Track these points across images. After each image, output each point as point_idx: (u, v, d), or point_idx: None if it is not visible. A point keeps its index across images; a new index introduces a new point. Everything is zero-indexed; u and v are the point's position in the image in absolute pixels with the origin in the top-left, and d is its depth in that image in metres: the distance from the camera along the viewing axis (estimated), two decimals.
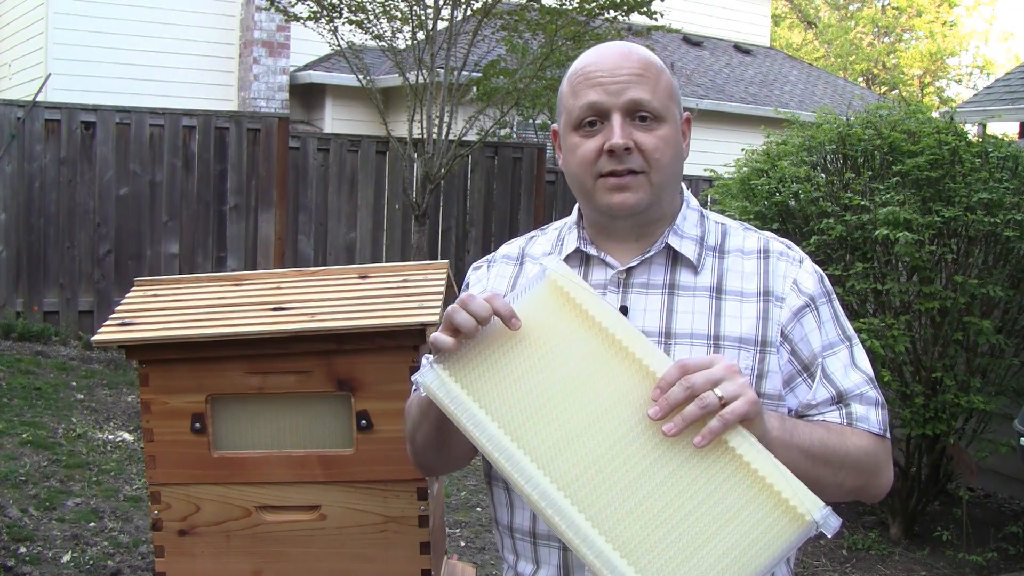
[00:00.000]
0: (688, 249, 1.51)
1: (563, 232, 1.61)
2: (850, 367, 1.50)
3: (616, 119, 1.45)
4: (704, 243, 1.53)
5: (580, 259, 1.55)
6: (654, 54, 1.54)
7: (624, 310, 1.48)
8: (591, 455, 1.26)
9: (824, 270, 4.90)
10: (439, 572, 2.36)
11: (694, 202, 1.58)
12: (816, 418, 1.48)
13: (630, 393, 1.28)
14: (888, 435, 1.51)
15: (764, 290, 1.49)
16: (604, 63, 1.48)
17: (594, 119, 1.47)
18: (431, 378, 1.30)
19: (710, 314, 1.47)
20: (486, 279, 1.63)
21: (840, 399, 1.48)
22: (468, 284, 1.66)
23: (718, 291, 1.49)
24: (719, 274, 1.50)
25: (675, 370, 1.27)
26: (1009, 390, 4.65)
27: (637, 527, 1.23)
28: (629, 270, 1.51)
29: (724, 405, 1.25)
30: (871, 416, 1.49)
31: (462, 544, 4.45)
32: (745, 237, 1.55)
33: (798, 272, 1.51)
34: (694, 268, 1.50)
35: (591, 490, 1.24)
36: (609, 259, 1.52)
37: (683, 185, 1.59)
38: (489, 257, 1.68)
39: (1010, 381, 4.69)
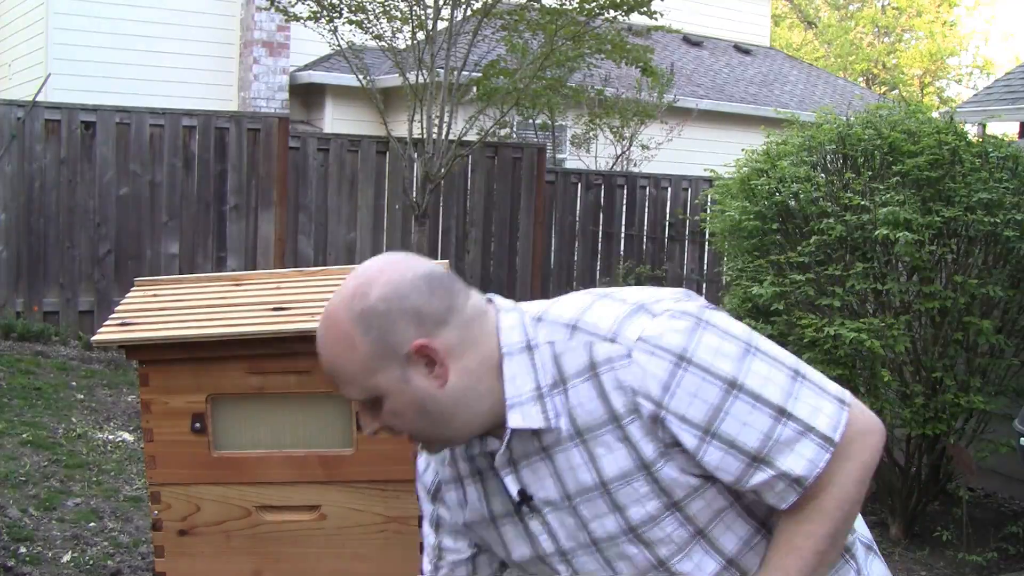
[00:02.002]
0: (532, 417, 1.38)
1: None
2: (752, 413, 1.33)
3: (358, 409, 1.43)
4: (544, 389, 1.38)
5: (475, 446, 1.48)
6: (349, 315, 1.35)
7: (524, 493, 1.43)
8: None
9: (824, 270, 4.83)
10: None
11: (514, 336, 1.39)
12: (749, 488, 1.36)
13: None
14: (834, 437, 1.35)
15: (612, 415, 1.35)
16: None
17: None
18: None
19: (586, 462, 1.38)
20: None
21: (757, 460, 1.34)
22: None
23: (579, 435, 1.38)
24: (570, 416, 1.37)
25: None
26: (1009, 390, 4.65)
27: None
28: (506, 448, 1.43)
29: None
30: (799, 465, 1.33)
31: None
32: (572, 351, 1.37)
33: (629, 373, 1.33)
34: (547, 426, 1.38)
35: None
36: (489, 442, 1.45)
37: (499, 319, 1.41)
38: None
39: (1010, 381, 4.69)
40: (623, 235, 9.86)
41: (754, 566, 1.42)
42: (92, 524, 4.22)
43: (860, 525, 1.55)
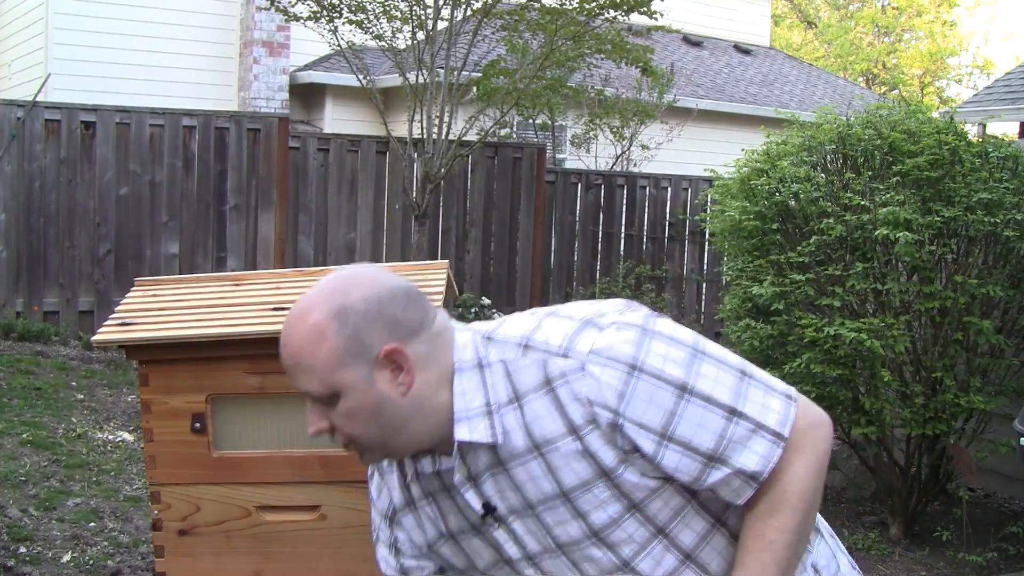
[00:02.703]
0: (479, 432, 1.41)
1: None
2: (705, 415, 1.38)
3: (308, 406, 1.43)
4: (495, 406, 1.41)
5: (426, 466, 1.50)
6: (327, 309, 1.38)
7: (488, 506, 1.46)
8: None
9: (824, 270, 4.83)
10: None
11: (467, 354, 1.43)
12: (707, 486, 1.40)
13: None
14: (784, 432, 1.39)
15: (570, 427, 1.39)
16: (280, 349, 1.43)
17: None
18: None
19: (546, 473, 1.41)
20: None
21: (713, 460, 1.38)
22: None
23: (537, 447, 1.41)
24: (527, 430, 1.41)
25: None
26: (1009, 390, 4.65)
27: None
28: (461, 464, 1.45)
29: None
30: (753, 461, 1.38)
31: None
32: (526, 368, 1.41)
33: (584, 385, 1.37)
34: (498, 441, 1.41)
35: None
36: (443, 461, 1.48)
37: (455, 337, 1.45)
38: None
39: (1010, 381, 4.69)
40: (623, 235, 9.86)
41: (710, 560, 1.47)
42: (92, 524, 4.22)
43: None
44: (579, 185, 9.70)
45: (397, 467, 1.56)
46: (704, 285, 10.08)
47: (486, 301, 8.51)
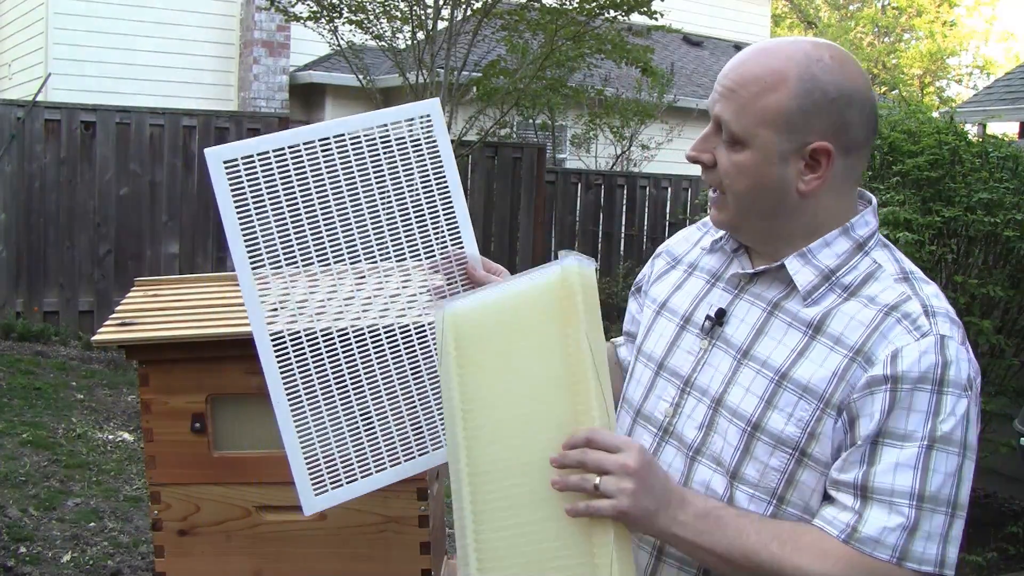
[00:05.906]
0: (803, 277, 1.36)
1: None
2: (907, 469, 1.26)
3: (707, 129, 1.40)
4: (833, 277, 1.36)
5: (725, 252, 1.52)
6: (799, 69, 1.31)
7: (721, 312, 1.43)
8: (507, 464, 1.34)
9: None
10: (439, 572, 2.36)
11: (861, 232, 1.38)
12: (830, 493, 1.30)
13: (564, 426, 1.32)
14: (908, 566, 1.25)
15: (860, 347, 1.30)
16: (726, 66, 1.39)
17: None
18: (440, 324, 1.40)
19: (794, 350, 1.34)
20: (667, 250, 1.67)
21: (864, 492, 1.27)
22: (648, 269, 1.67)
23: (816, 329, 1.34)
24: (826, 313, 1.34)
25: (583, 435, 1.28)
26: (1009, 390, 4.65)
27: (500, 545, 1.34)
28: (752, 276, 1.43)
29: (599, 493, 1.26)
30: (884, 538, 1.25)
31: None
32: (888, 288, 1.34)
33: (908, 344, 1.28)
34: (803, 298, 1.37)
35: (488, 491, 1.35)
36: (743, 259, 1.47)
37: (868, 210, 1.40)
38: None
39: (1010, 381, 4.69)
40: (623, 235, 9.86)
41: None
42: (92, 524, 4.22)
43: None
44: (579, 185, 9.70)
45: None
46: None
47: None
